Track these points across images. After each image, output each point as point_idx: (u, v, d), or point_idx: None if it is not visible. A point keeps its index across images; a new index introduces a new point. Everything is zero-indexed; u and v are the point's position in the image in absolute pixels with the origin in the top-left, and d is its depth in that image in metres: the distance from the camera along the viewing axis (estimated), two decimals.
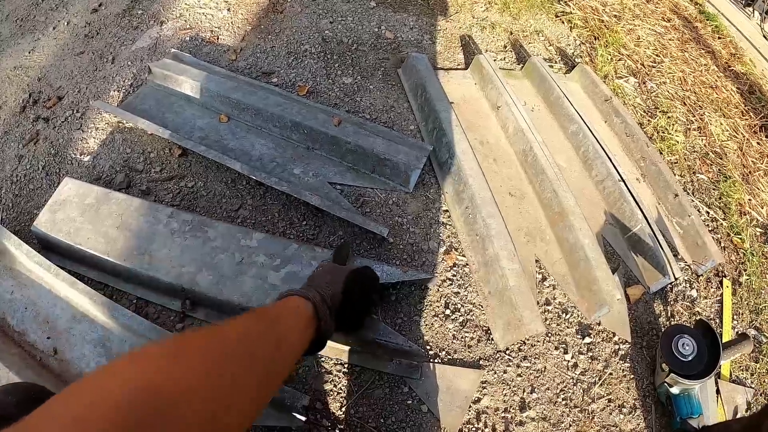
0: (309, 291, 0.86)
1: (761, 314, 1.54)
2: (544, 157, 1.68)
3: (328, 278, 0.96)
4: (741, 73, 2.41)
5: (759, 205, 1.82)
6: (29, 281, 1.29)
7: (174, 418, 0.43)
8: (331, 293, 0.91)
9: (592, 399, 1.29)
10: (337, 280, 0.96)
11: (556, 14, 2.45)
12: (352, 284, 0.98)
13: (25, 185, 1.51)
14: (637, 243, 1.59)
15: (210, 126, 1.66)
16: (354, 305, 0.97)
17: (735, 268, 1.65)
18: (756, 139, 2.06)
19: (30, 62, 1.89)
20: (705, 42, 2.53)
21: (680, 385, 1.22)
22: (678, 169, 1.89)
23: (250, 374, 0.56)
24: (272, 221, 1.45)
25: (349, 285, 0.97)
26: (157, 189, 1.49)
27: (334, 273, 0.99)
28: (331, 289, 0.92)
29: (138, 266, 1.24)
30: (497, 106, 1.91)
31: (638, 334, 1.43)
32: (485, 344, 1.31)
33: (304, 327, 0.78)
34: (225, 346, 0.57)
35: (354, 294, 0.97)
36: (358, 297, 0.99)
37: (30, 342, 1.22)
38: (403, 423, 1.17)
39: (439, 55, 2.15)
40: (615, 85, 2.13)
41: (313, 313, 0.82)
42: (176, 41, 1.95)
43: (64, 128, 1.63)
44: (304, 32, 2.06)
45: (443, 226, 1.52)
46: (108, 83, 1.76)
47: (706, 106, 2.12)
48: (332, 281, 0.95)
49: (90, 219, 1.31)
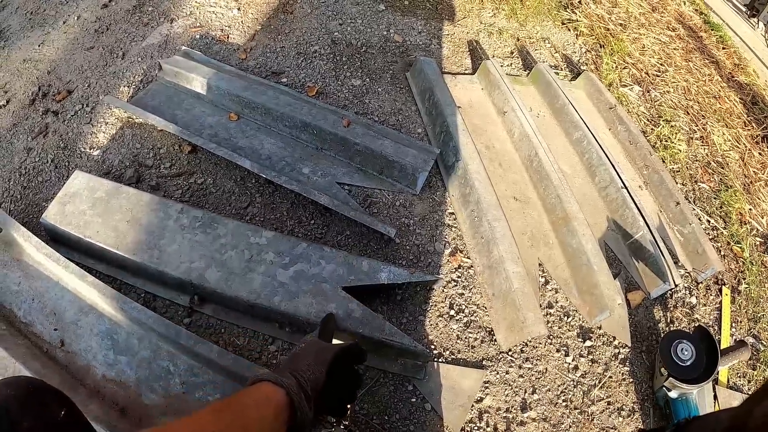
0: (284, 376, 0.78)
1: (759, 322, 1.57)
2: (549, 162, 1.70)
3: (311, 360, 0.86)
4: (744, 84, 2.44)
5: (759, 214, 1.85)
6: (37, 273, 1.30)
7: None
8: (313, 377, 0.82)
9: (592, 401, 1.30)
10: (320, 361, 0.86)
11: (563, 22, 2.48)
12: (338, 367, 0.88)
13: (34, 177, 1.52)
14: (638, 249, 1.61)
15: (219, 124, 1.68)
16: (339, 390, 0.88)
17: (734, 277, 1.67)
18: (758, 149, 2.09)
19: (40, 56, 1.90)
20: (709, 52, 2.56)
21: (678, 389, 1.24)
22: (680, 177, 1.91)
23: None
24: (281, 219, 1.46)
25: (335, 368, 0.87)
26: (166, 185, 1.50)
27: (318, 354, 0.88)
28: (312, 373, 0.83)
29: (147, 260, 1.25)
30: (503, 112, 1.93)
31: (638, 339, 1.45)
32: (488, 345, 1.33)
33: (274, 418, 0.71)
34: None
35: (339, 378, 0.88)
36: (344, 381, 0.90)
37: (36, 333, 1.23)
38: (407, 421, 1.18)
39: (447, 59, 2.17)
40: (619, 93, 2.16)
41: (287, 402, 0.74)
42: (186, 39, 1.97)
43: (74, 122, 1.64)
44: (313, 33, 2.08)
45: (449, 229, 1.54)
46: (118, 79, 1.78)
47: (709, 116, 2.15)
48: (315, 363, 0.85)
49: (100, 212, 1.32)
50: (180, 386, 1.15)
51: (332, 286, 1.23)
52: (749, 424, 0.52)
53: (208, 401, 1.13)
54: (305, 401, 0.76)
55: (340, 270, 1.26)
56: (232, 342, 1.24)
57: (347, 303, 1.21)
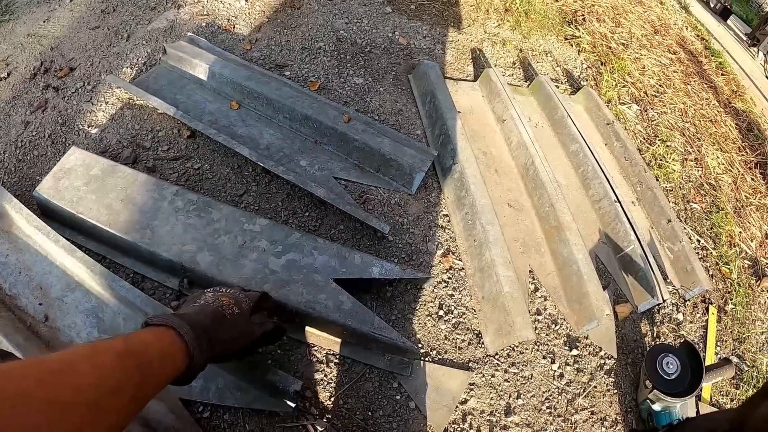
0: (201, 345, 0.74)
1: (744, 343, 1.58)
2: (545, 172, 1.72)
3: (234, 334, 0.86)
4: (741, 110, 2.48)
5: (749, 238, 1.87)
6: (25, 246, 1.28)
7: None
8: (227, 349, 0.83)
9: (576, 410, 1.31)
10: (241, 338, 0.87)
11: (566, 37, 2.51)
12: (254, 347, 0.92)
13: (30, 151, 1.50)
14: (628, 263, 1.63)
15: (220, 111, 1.67)
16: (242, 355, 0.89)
17: (721, 297, 1.69)
18: (750, 174, 2.13)
19: (44, 31, 1.89)
20: (708, 77, 2.61)
21: (662, 402, 1.25)
22: (673, 196, 1.93)
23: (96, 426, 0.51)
24: (275, 209, 1.46)
25: (250, 348, 0.90)
26: (162, 167, 1.49)
27: (242, 334, 0.88)
28: (229, 348, 0.84)
29: (139, 240, 1.24)
30: (503, 119, 1.95)
31: (624, 351, 1.46)
32: (475, 347, 1.33)
33: (170, 376, 0.68)
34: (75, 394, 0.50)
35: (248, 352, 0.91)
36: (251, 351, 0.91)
37: (21, 307, 1.21)
38: (390, 418, 1.17)
39: (450, 65, 2.19)
40: (618, 110, 2.19)
41: (188, 365, 0.72)
42: (192, 26, 1.97)
43: (74, 99, 1.63)
44: (319, 30, 2.09)
45: (442, 230, 1.54)
46: (121, 60, 1.77)
47: (705, 139, 2.19)
48: (237, 338, 0.86)
49: (94, 189, 1.31)
50: None
51: (324, 278, 1.23)
52: (748, 425, 0.52)
53: (191, 386, 1.12)
54: (202, 370, 0.76)
55: (333, 262, 1.26)
56: None
57: (338, 295, 1.20)
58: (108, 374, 0.56)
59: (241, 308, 0.91)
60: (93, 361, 0.56)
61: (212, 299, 0.89)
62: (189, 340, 0.72)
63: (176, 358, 0.70)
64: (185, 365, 0.71)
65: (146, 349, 0.65)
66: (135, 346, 0.64)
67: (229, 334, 0.85)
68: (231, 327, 0.86)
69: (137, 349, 0.64)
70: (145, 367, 0.62)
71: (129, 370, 0.59)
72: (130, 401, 0.57)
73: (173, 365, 0.69)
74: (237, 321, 0.88)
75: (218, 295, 0.91)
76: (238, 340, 0.87)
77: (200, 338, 0.75)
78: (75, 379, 0.52)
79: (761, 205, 2.01)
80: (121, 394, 0.56)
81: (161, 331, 0.72)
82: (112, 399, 0.54)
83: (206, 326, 0.79)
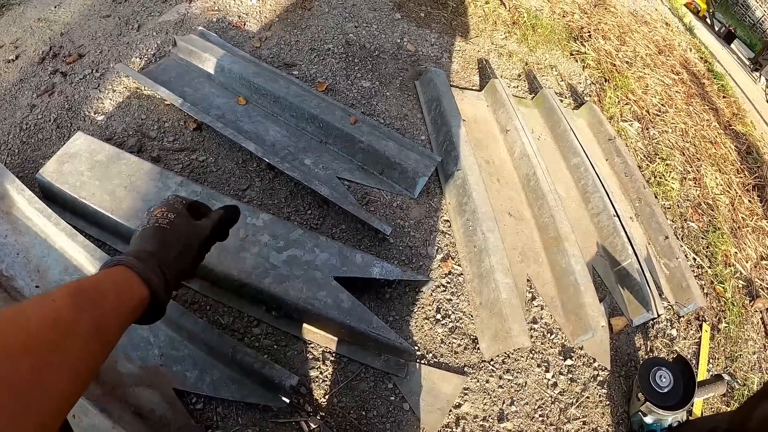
0: (152, 272, 0.71)
1: (736, 362, 1.60)
2: (546, 183, 1.73)
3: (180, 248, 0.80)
4: (741, 133, 2.52)
5: (744, 259, 1.89)
6: (25, 228, 1.27)
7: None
8: (179, 268, 0.78)
9: (568, 419, 1.31)
10: (190, 248, 0.81)
11: (571, 52, 2.54)
12: (207, 248, 0.86)
13: (34, 134, 1.50)
14: (624, 277, 1.64)
15: (227, 106, 1.68)
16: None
17: (715, 315, 1.70)
18: (748, 197, 2.16)
19: (55, 17, 1.89)
20: (710, 99, 2.65)
21: (654, 414, 1.25)
22: (670, 214, 1.95)
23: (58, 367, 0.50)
24: (278, 206, 1.46)
25: (203, 251, 0.85)
26: (167, 158, 1.49)
27: (188, 241, 0.82)
28: (181, 263, 0.79)
29: None
30: (506, 130, 1.97)
31: (617, 364, 1.46)
32: (471, 352, 1.33)
33: (131, 312, 0.66)
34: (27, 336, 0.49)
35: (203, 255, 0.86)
36: None
37: (17, 288, 1.20)
38: (384, 418, 1.17)
39: (456, 73, 2.21)
40: (619, 126, 2.21)
41: (148, 300, 0.69)
42: (203, 20, 1.98)
43: (81, 85, 1.63)
44: (329, 32, 2.10)
45: (443, 235, 1.55)
46: (131, 49, 1.77)
47: (704, 160, 2.21)
48: (185, 251, 0.80)
49: (98, 175, 1.31)
50: (158, 357, 1.13)
51: (324, 275, 1.23)
52: (747, 425, 0.53)
53: (185, 376, 1.12)
54: (166, 297, 0.72)
55: (334, 260, 1.26)
56: (217, 320, 1.22)
57: (337, 293, 1.20)
58: (60, 312, 0.54)
59: (176, 211, 0.85)
60: (43, 303, 0.54)
61: (147, 220, 0.83)
62: (139, 270, 0.69)
63: (132, 288, 0.67)
64: (146, 294, 0.68)
65: (97, 285, 0.63)
66: (85, 283, 0.62)
67: (177, 244, 0.80)
68: (175, 234, 0.81)
69: (88, 285, 0.61)
70: (100, 300, 0.60)
71: (81, 305, 0.56)
72: (90, 337, 0.55)
73: (130, 294, 0.66)
74: (177, 226, 0.83)
75: (152, 212, 0.84)
76: (189, 246, 0.82)
77: (149, 263, 0.72)
78: (26, 322, 0.50)
79: (757, 227, 2.04)
80: (77, 329, 0.54)
81: (112, 269, 0.69)
82: (68, 337, 0.52)
83: (151, 250, 0.76)
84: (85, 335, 0.54)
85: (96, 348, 0.56)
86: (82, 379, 0.53)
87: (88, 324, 0.55)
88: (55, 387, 0.48)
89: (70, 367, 0.51)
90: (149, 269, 0.70)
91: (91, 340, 0.55)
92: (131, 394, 1.10)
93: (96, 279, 0.64)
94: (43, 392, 0.46)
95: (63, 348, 0.51)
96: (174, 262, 0.76)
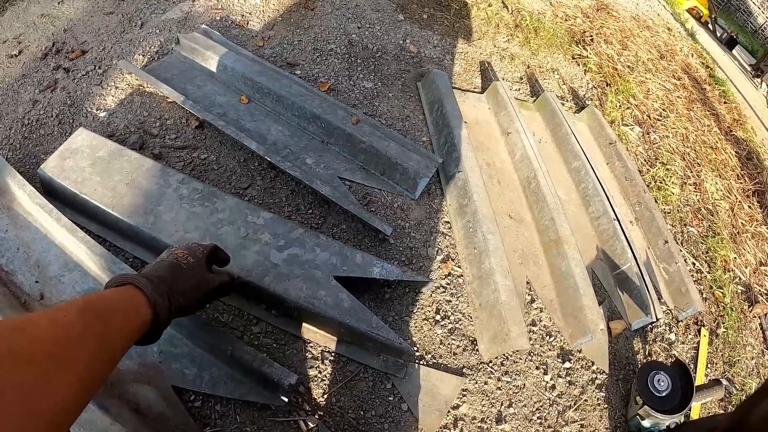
0: (160, 295, 0.75)
1: (734, 367, 1.60)
2: (547, 186, 1.73)
3: (190, 285, 0.86)
4: (741, 139, 2.53)
5: (743, 264, 1.90)
6: (26, 223, 1.27)
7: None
8: (183, 303, 0.82)
9: (566, 422, 1.31)
10: (197, 291, 0.87)
11: (573, 56, 2.55)
12: (209, 299, 0.93)
13: (36, 129, 1.50)
14: (624, 281, 1.64)
15: (229, 104, 1.68)
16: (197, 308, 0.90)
17: (714, 320, 1.71)
18: (748, 202, 2.16)
19: (58, 13, 1.89)
20: (711, 104, 2.66)
21: (652, 418, 1.25)
22: (670, 218, 1.96)
23: (65, 378, 0.51)
24: (279, 205, 1.46)
25: (206, 300, 0.92)
26: (169, 155, 1.49)
27: (199, 284, 0.88)
28: (185, 300, 0.83)
29: (141, 224, 1.24)
30: (507, 132, 1.97)
31: (616, 367, 1.46)
32: (470, 354, 1.33)
33: (135, 332, 0.68)
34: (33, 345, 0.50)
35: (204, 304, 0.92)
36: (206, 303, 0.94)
37: (17, 283, 1.20)
38: (382, 418, 1.17)
39: (458, 75, 2.21)
40: (620, 131, 2.22)
41: (152, 322, 0.72)
42: (206, 19, 1.98)
43: (84, 81, 1.63)
44: (331, 32, 2.11)
45: (443, 236, 1.55)
46: (134, 46, 1.78)
47: (704, 165, 2.22)
48: (192, 290, 0.86)
49: (99, 172, 1.31)
50: (157, 355, 1.13)
51: (324, 274, 1.23)
52: (747, 424, 0.53)
53: (184, 374, 1.12)
54: (166, 323, 0.76)
55: (334, 259, 1.26)
56: (216, 318, 1.22)
57: (337, 292, 1.20)
58: (68, 326, 0.56)
59: (196, 257, 0.91)
60: (52, 316, 0.56)
61: (167, 255, 0.90)
62: (148, 292, 0.73)
63: (139, 309, 0.71)
64: (150, 317, 0.71)
65: (106, 302, 0.66)
66: (95, 300, 0.65)
67: (187, 282, 0.85)
68: (189, 276, 0.87)
69: (97, 302, 0.64)
70: (107, 318, 0.63)
71: (89, 321, 0.59)
72: (95, 353, 0.57)
73: (136, 315, 0.69)
74: (194, 269, 0.89)
75: (172, 250, 0.92)
76: (198, 288, 0.88)
77: (159, 288, 0.75)
78: (33, 331, 0.52)
79: (757, 233, 2.04)
80: (83, 344, 0.56)
81: (121, 288, 0.72)
82: (74, 350, 0.54)
83: (164, 277, 0.80)
84: (89, 350, 0.56)
85: (101, 362, 0.59)
86: (87, 389, 0.55)
87: (94, 340, 0.58)
88: (61, 395, 0.50)
89: (76, 377, 0.53)
90: (158, 292, 0.74)
91: (96, 355, 0.57)
92: (130, 391, 1.10)
93: (106, 297, 0.68)
94: (48, 399, 0.48)
95: (69, 359, 0.53)
96: (181, 295, 0.81)
